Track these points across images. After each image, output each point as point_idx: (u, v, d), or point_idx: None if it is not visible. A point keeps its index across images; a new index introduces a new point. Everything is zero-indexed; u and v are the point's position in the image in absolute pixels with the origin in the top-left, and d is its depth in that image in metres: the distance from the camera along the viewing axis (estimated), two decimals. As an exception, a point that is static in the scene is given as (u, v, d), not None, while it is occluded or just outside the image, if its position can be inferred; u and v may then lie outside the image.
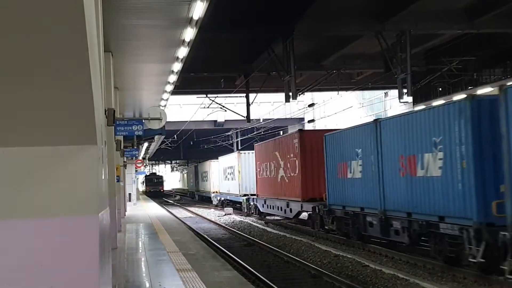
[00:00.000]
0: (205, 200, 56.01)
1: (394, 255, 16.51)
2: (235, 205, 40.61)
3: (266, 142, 31.63)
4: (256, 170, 33.08)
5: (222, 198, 44.77)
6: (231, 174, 40.83)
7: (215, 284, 10.45)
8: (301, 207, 24.34)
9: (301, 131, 25.32)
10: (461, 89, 26.64)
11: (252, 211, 34.95)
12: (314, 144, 23.69)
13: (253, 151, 34.96)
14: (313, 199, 23.55)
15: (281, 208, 27.55)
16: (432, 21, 21.05)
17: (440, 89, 28.53)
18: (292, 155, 25.51)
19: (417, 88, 24.01)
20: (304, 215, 26.27)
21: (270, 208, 29.98)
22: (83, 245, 4.80)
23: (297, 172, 24.72)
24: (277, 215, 29.90)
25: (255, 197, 33.98)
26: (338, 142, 20.59)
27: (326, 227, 21.94)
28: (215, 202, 48.39)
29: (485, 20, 20.79)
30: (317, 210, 22.43)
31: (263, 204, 31.67)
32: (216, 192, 47.76)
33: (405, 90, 22.13)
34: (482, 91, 23.04)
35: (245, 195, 37.55)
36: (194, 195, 64.84)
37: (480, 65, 23.43)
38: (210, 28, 18.27)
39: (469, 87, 25.92)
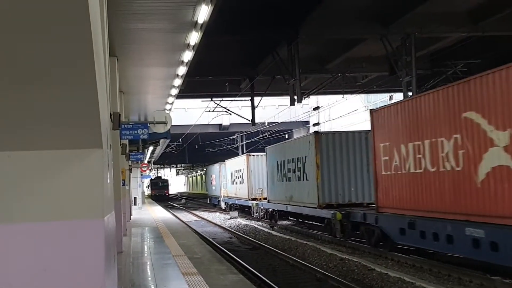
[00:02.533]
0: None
1: (400, 259, 16.47)
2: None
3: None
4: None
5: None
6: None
7: (220, 288, 10.44)
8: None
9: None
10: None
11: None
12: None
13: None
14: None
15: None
16: (437, 24, 21.00)
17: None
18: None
19: (422, 91, 23.92)
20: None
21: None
22: (89, 249, 4.81)
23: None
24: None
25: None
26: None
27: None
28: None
29: (490, 23, 20.74)
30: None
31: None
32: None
33: (410, 93, 22.08)
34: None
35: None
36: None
37: (485, 68, 23.32)
38: (215, 31, 18.29)
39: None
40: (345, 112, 39.98)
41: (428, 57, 26.04)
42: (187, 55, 15.71)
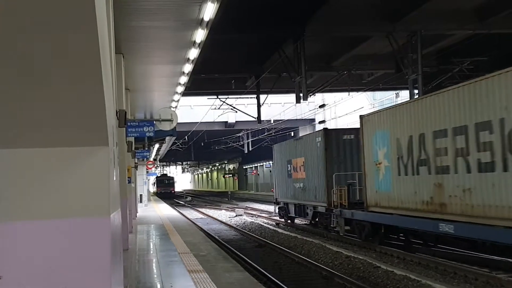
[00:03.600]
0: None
1: (405, 256, 16.45)
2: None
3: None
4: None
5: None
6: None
7: (226, 285, 10.45)
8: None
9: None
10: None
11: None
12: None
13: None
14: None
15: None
16: (443, 22, 20.94)
17: (452, 89, 28.33)
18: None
19: (428, 88, 23.88)
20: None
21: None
22: (95, 246, 4.82)
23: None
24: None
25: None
26: None
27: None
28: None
29: (496, 20, 20.66)
30: None
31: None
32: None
33: (416, 91, 22.05)
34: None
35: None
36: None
37: (491, 65, 23.25)
38: (221, 29, 18.29)
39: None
40: (351, 109, 39.92)
41: (434, 55, 25.96)
42: (193, 53, 15.71)
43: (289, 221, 29.36)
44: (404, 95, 33.31)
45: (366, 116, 19.50)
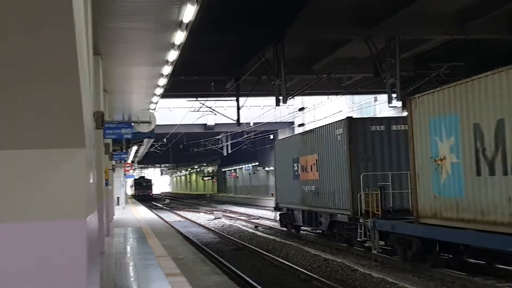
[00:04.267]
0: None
1: (383, 259, 16.53)
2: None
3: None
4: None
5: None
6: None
7: (204, 289, 10.40)
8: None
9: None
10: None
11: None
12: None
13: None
14: None
15: None
16: (421, 26, 21.10)
17: (429, 94, 28.56)
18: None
19: (406, 93, 24.04)
20: None
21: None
22: (71, 249, 4.76)
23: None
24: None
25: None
26: None
27: None
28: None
29: (474, 26, 20.87)
30: None
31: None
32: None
33: (394, 95, 22.17)
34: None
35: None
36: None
37: (468, 70, 23.51)
38: (201, 31, 18.23)
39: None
40: (330, 113, 40.07)
41: (412, 59, 26.15)
42: (172, 55, 15.65)
43: (293, 230, 25.29)
44: (383, 99, 33.53)
45: (418, 97, 15.20)
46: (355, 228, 18.43)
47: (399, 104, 24.69)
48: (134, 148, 47.22)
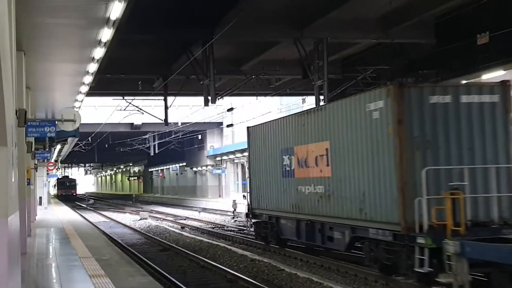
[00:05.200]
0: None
1: (309, 259, 16.76)
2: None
3: None
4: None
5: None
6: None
7: (129, 290, 10.26)
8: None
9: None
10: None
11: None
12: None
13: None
14: None
15: None
16: (348, 30, 21.57)
17: (355, 96, 29.22)
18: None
19: (334, 95, 24.52)
20: None
21: None
22: (-10, 251, 4.60)
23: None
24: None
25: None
26: None
27: None
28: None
29: (398, 30, 21.51)
30: None
31: None
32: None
33: (322, 97, 22.56)
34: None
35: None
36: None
37: (393, 74, 24.22)
38: (129, 29, 17.96)
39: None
40: (259, 114, 40.33)
41: (339, 62, 26.69)
42: (99, 52, 15.36)
43: (276, 246, 19.23)
44: (310, 101, 34.02)
45: None
46: (406, 251, 12.47)
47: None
48: (58, 147, 46.09)
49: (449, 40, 21.35)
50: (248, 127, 21.10)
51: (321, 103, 22.38)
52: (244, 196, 23.58)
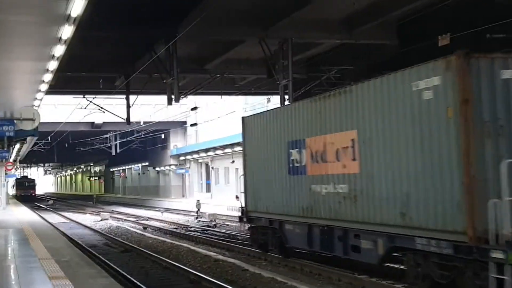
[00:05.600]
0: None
1: (273, 259, 16.70)
2: None
3: None
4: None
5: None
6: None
7: (90, 293, 10.04)
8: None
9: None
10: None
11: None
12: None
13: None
14: None
15: None
16: (313, 30, 21.59)
17: (319, 96, 29.32)
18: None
19: (298, 95, 24.52)
20: None
21: None
22: None
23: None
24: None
25: None
26: None
27: None
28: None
29: (362, 31, 21.61)
30: None
31: None
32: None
33: (286, 96, 22.54)
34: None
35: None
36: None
37: (357, 74, 24.33)
38: (90, 26, 17.63)
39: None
40: (223, 113, 40.20)
41: (304, 62, 26.71)
42: (59, 50, 15.04)
43: (279, 255, 16.49)
44: (275, 101, 34.03)
45: None
46: (474, 268, 10.02)
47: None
48: (17, 146, 45.21)
49: (412, 42, 21.54)
50: (243, 117, 18.38)
51: (286, 102, 22.36)
52: (237, 197, 21.10)
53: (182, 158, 53.91)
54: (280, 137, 16.04)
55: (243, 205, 18.26)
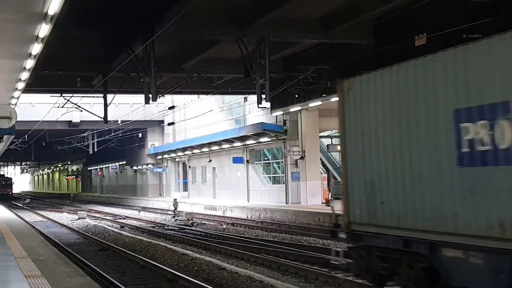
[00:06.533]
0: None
1: (250, 257, 16.79)
2: None
3: None
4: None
5: None
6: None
7: (66, 291, 10.05)
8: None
9: None
10: (316, 97, 27.71)
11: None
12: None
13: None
14: None
15: None
16: (290, 30, 21.74)
17: (297, 96, 29.52)
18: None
19: (275, 94, 24.66)
20: None
21: None
22: None
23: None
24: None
25: None
26: None
27: None
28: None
29: (338, 31, 21.80)
30: None
31: None
32: None
33: (263, 96, 22.64)
34: (335, 99, 24.08)
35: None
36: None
37: (333, 74, 24.54)
38: (67, 24, 17.58)
39: (323, 95, 27.04)
40: (201, 112, 40.19)
41: (281, 61, 26.84)
42: (36, 48, 14.97)
43: None
44: (252, 100, 34.10)
45: None
46: None
47: (268, 104, 25.25)
48: (-7, 144, 44.75)
49: (388, 41, 21.76)
50: (343, 80, 11.87)
51: (263, 101, 22.48)
52: (328, 201, 15.27)
53: (159, 157, 53.77)
54: (434, 104, 9.38)
55: (338, 213, 11.93)
